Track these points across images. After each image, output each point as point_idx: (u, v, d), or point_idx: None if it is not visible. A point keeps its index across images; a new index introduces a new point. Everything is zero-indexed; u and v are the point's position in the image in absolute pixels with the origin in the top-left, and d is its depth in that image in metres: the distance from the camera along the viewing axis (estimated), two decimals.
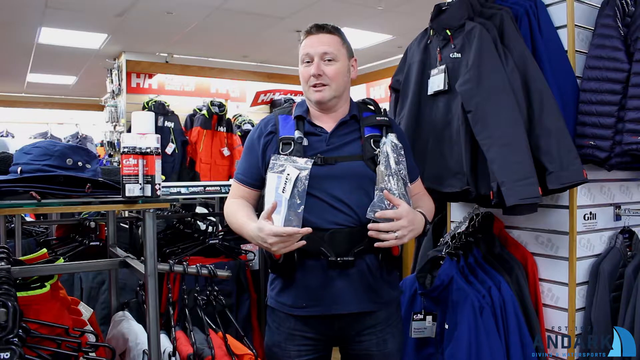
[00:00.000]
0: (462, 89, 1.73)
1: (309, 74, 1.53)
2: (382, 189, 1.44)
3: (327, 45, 1.53)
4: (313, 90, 1.53)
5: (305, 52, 1.54)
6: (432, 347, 1.83)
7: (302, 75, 1.56)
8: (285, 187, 1.42)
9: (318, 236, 1.43)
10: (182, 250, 2.41)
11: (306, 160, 1.45)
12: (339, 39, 1.57)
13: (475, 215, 1.96)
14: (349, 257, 1.45)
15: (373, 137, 1.54)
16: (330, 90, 1.53)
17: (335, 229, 1.46)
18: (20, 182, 1.30)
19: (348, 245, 1.46)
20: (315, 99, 1.54)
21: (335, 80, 1.53)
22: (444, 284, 1.78)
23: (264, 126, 1.60)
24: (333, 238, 1.45)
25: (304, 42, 1.56)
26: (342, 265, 1.45)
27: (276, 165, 1.47)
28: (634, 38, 1.73)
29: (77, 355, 1.27)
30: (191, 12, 4.31)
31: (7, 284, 1.22)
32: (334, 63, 1.53)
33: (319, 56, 1.52)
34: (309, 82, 1.53)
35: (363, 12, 4.31)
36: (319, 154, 1.49)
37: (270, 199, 1.45)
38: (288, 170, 1.43)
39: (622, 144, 1.71)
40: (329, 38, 1.55)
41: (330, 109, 1.57)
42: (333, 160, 1.50)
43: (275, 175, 1.45)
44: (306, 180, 1.42)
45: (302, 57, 1.55)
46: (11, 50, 5.53)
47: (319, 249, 1.44)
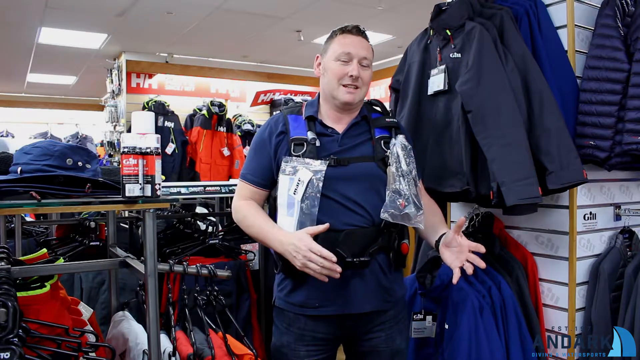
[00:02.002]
0: (462, 89, 1.73)
1: (345, 72, 1.52)
2: (394, 190, 1.46)
3: (367, 50, 1.55)
4: (345, 90, 1.52)
5: (345, 51, 1.52)
6: (432, 347, 1.83)
7: (335, 72, 1.53)
8: (297, 190, 1.42)
9: (333, 237, 1.43)
10: (182, 250, 2.41)
11: (320, 162, 1.46)
12: (371, 47, 1.59)
13: (475, 215, 1.96)
14: (365, 257, 1.46)
15: (383, 138, 1.55)
16: (361, 94, 1.55)
17: (349, 230, 1.46)
18: (20, 182, 1.30)
19: (363, 245, 1.46)
20: (346, 100, 1.53)
21: (366, 86, 1.56)
22: (444, 284, 1.78)
23: (274, 125, 1.58)
24: (348, 239, 1.46)
25: (341, 40, 1.55)
26: (358, 265, 1.46)
27: (288, 168, 1.47)
28: (634, 38, 1.73)
29: (77, 355, 1.27)
30: (191, 12, 4.31)
31: (7, 284, 1.22)
32: (368, 69, 1.55)
33: (359, 59, 1.52)
34: (343, 80, 1.52)
35: (363, 12, 4.31)
36: (332, 155, 1.50)
37: (283, 201, 1.46)
38: (301, 172, 1.44)
39: (622, 144, 1.71)
40: (367, 44, 1.57)
41: (351, 110, 1.58)
42: (346, 162, 1.50)
43: (288, 178, 1.46)
44: (320, 182, 1.43)
45: (339, 55, 1.53)
46: (11, 50, 5.53)
47: (335, 249, 1.43)
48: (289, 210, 1.46)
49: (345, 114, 1.58)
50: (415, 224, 1.47)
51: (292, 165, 1.47)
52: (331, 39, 1.58)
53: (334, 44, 1.55)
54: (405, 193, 1.44)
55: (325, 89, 1.57)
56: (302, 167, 1.45)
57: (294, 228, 1.44)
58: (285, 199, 1.46)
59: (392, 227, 1.49)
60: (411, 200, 1.45)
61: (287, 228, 1.46)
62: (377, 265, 1.50)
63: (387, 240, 1.50)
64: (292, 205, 1.44)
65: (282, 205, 1.48)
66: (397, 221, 1.45)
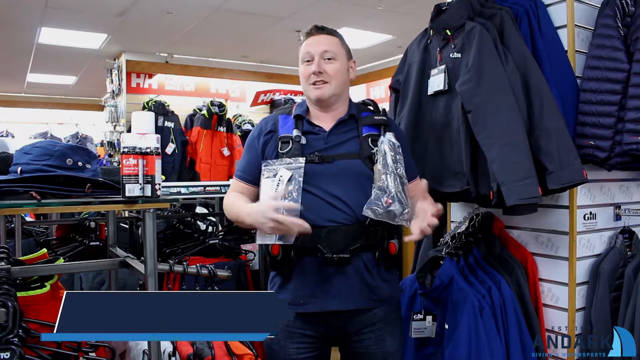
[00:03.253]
0: (462, 89, 1.73)
1: (310, 71, 1.55)
2: (379, 187, 1.45)
3: (327, 44, 1.56)
4: (313, 87, 1.55)
5: (305, 51, 1.57)
6: (432, 347, 1.83)
7: (303, 74, 1.58)
8: (278, 189, 1.43)
9: (315, 233, 1.43)
10: (182, 250, 2.41)
11: (297, 159, 1.48)
12: (338, 40, 1.60)
13: (475, 215, 1.96)
14: (345, 254, 1.46)
15: (371, 136, 1.55)
16: (330, 88, 1.54)
17: (331, 227, 1.47)
18: (20, 182, 1.30)
19: (345, 242, 1.47)
20: (315, 96, 1.55)
21: (335, 78, 1.55)
22: (444, 284, 1.78)
23: (264, 125, 1.62)
24: (330, 235, 1.47)
25: (304, 43, 1.59)
26: (338, 262, 1.46)
27: (267, 170, 1.49)
28: (634, 38, 1.73)
29: (77, 355, 1.27)
30: (191, 12, 4.30)
31: (7, 284, 1.22)
32: (334, 62, 1.56)
33: (319, 55, 1.55)
34: (309, 79, 1.55)
35: (363, 12, 4.31)
36: (317, 152, 1.51)
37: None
38: (280, 172, 1.45)
39: (622, 144, 1.71)
40: (329, 39, 1.58)
41: (329, 107, 1.58)
42: (331, 158, 1.51)
43: (269, 180, 1.48)
44: (300, 178, 1.44)
45: (303, 57, 1.58)
46: (11, 50, 5.53)
47: (316, 245, 1.46)
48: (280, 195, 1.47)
49: (327, 111, 1.59)
50: (399, 222, 1.44)
51: (271, 168, 1.49)
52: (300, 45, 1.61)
53: (301, 48, 1.60)
54: (391, 190, 1.43)
55: (304, 91, 1.61)
56: (282, 167, 1.47)
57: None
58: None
59: (377, 225, 1.49)
60: (396, 198, 1.43)
61: None
62: (362, 263, 1.50)
63: (373, 239, 1.50)
64: None
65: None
66: (380, 218, 1.43)
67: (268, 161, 1.52)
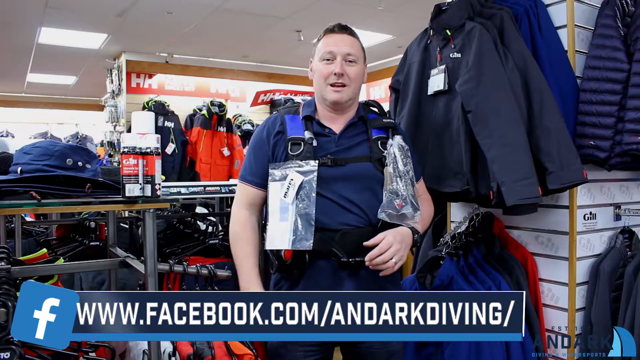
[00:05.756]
0: (462, 89, 1.73)
1: (330, 71, 1.51)
2: (391, 190, 1.45)
3: (351, 46, 1.53)
4: (332, 89, 1.52)
5: (327, 50, 1.52)
6: (432, 347, 1.83)
7: (321, 73, 1.53)
8: (288, 193, 1.42)
9: (328, 237, 1.43)
10: (182, 250, 2.41)
11: (309, 162, 1.46)
12: (359, 43, 1.57)
13: (475, 215, 1.96)
14: (361, 257, 1.45)
15: (380, 138, 1.55)
16: (349, 92, 1.53)
17: (345, 230, 1.46)
18: (20, 182, 1.30)
19: (358, 245, 1.46)
20: (333, 99, 1.52)
21: (355, 82, 1.53)
22: (444, 284, 1.78)
23: (271, 125, 1.57)
24: (343, 238, 1.46)
25: (325, 40, 1.55)
26: (353, 265, 1.46)
27: (277, 174, 1.47)
28: (634, 38, 1.73)
29: (77, 355, 1.27)
30: (191, 12, 4.31)
31: (7, 284, 1.22)
32: (355, 65, 1.53)
33: (342, 56, 1.51)
34: (329, 79, 1.52)
35: (363, 12, 4.31)
36: (329, 155, 1.50)
37: (275, 208, 1.46)
38: (291, 175, 1.44)
39: (622, 144, 1.71)
40: (352, 40, 1.55)
41: (343, 110, 1.57)
42: (343, 162, 1.50)
43: (278, 184, 1.46)
44: (314, 182, 1.43)
45: (323, 55, 1.53)
46: (11, 50, 5.53)
47: (330, 249, 1.44)
48: (282, 215, 1.46)
49: (339, 114, 1.57)
50: (410, 224, 1.47)
51: (281, 170, 1.47)
52: (318, 41, 1.58)
53: (320, 45, 1.56)
54: (402, 193, 1.44)
55: (316, 90, 1.57)
56: (292, 170, 1.45)
57: (289, 233, 1.44)
58: (277, 205, 1.46)
59: (388, 227, 1.49)
60: (408, 201, 1.46)
61: (281, 234, 1.45)
62: None
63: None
64: (286, 210, 1.44)
65: (274, 212, 1.48)
66: (394, 221, 1.45)
67: (276, 164, 1.49)
